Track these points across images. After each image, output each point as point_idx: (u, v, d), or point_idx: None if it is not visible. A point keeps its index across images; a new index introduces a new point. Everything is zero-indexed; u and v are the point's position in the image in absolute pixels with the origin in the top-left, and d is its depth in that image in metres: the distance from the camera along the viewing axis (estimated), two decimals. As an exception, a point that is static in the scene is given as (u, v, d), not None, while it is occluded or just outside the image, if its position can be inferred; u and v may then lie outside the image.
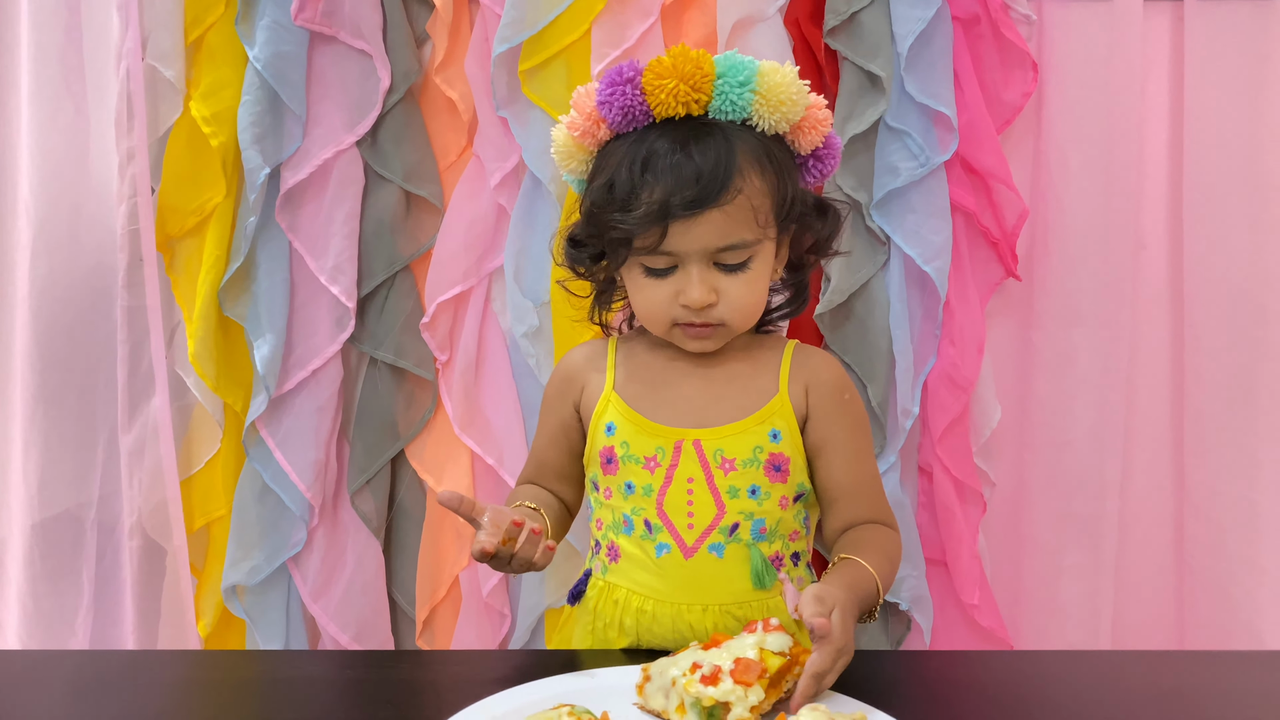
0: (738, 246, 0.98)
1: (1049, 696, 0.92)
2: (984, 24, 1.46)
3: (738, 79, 0.98)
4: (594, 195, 1.01)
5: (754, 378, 1.05)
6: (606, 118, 0.99)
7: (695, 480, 1.00)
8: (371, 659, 1.08)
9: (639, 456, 1.02)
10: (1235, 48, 1.47)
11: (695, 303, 0.98)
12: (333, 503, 1.54)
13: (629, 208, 0.97)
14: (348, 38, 1.45)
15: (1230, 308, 1.48)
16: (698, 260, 0.97)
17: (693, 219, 0.95)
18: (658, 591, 1.01)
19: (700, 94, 0.97)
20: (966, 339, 1.47)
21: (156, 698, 0.91)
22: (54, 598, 1.54)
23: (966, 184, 1.47)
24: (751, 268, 0.99)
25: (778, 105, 0.98)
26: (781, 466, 1.02)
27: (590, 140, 1.02)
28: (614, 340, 1.10)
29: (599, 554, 1.06)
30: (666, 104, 0.97)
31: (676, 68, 0.97)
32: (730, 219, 0.96)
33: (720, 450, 1.01)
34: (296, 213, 1.49)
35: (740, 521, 1.01)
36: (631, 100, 0.98)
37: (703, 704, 0.81)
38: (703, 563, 1.01)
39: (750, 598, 1.01)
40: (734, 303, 0.99)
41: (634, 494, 1.02)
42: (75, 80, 1.51)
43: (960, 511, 1.49)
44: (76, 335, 1.53)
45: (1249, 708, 0.90)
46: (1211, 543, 1.49)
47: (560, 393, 1.09)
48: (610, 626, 1.03)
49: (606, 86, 0.99)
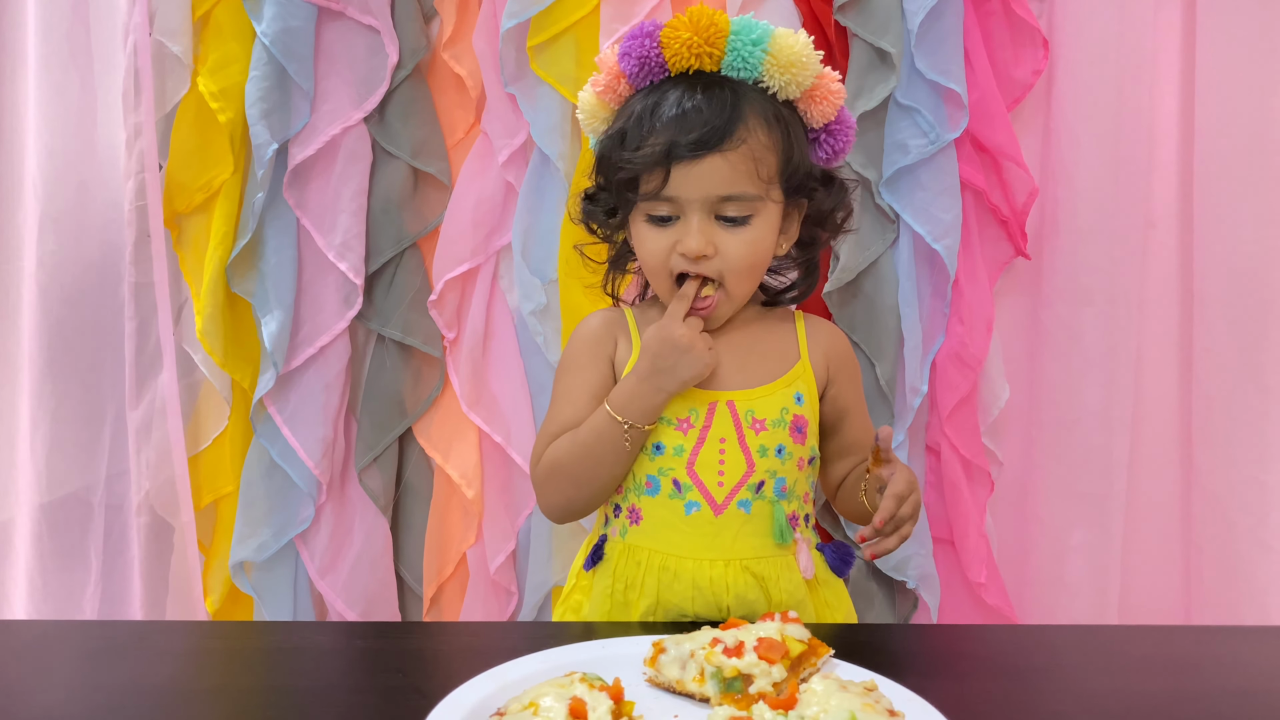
0: (738, 198, 1.00)
1: (1055, 668, 0.92)
2: (995, 1, 1.45)
3: (750, 37, 1.01)
4: (605, 143, 1.05)
5: (773, 344, 1.09)
6: (625, 70, 1.03)
7: (727, 440, 1.03)
8: (380, 630, 1.08)
9: (671, 419, 1.03)
10: (1246, 26, 1.46)
11: (692, 251, 1.00)
12: (340, 480, 1.54)
13: (637, 151, 1.00)
14: (356, 13, 1.45)
15: (1239, 287, 1.47)
16: (699, 209, 1.00)
17: (695, 163, 0.98)
18: (681, 548, 1.03)
19: (713, 48, 1.01)
20: (975, 317, 1.46)
21: (165, 666, 0.91)
22: (62, 575, 1.54)
23: (976, 162, 1.47)
24: (752, 225, 1.02)
25: (788, 67, 1.01)
26: (803, 429, 1.06)
27: (611, 96, 1.06)
28: (626, 308, 1.11)
29: (618, 517, 1.07)
30: (681, 54, 1.01)
31: (693, 23, 1.01)
32: (733, 168, 0.99)
33: (751, 411, 1.04)
34: (304, 189, 1.48)
35: (766, 480, 1.04)
36: (648, 51, 1.01)
37: (724, 674, 0.81)
38: (730, 519, 1.03)
39: (769, 553, 1.04)
40: (731, 258, 1.01)
41: (663, 454, 1.03)
42: (82, 56, 1.51)
43: (968, 490, 1.48)
44: (83, 312, 1.53)
45: (1255, 680, 0.90)
46: (1218, 521, 1.49)
47: (596, 351, 1.09)
48: (631, 588, 1.05)
49: (628, 40, 1.03)
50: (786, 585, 1.04)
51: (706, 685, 0.82)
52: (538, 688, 0.78)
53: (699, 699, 0.82)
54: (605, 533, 1.09)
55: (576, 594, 1.11)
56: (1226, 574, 1.49)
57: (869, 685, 0.80)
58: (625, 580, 1.05)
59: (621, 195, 1.03)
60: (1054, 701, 0.85)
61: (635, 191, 1.01)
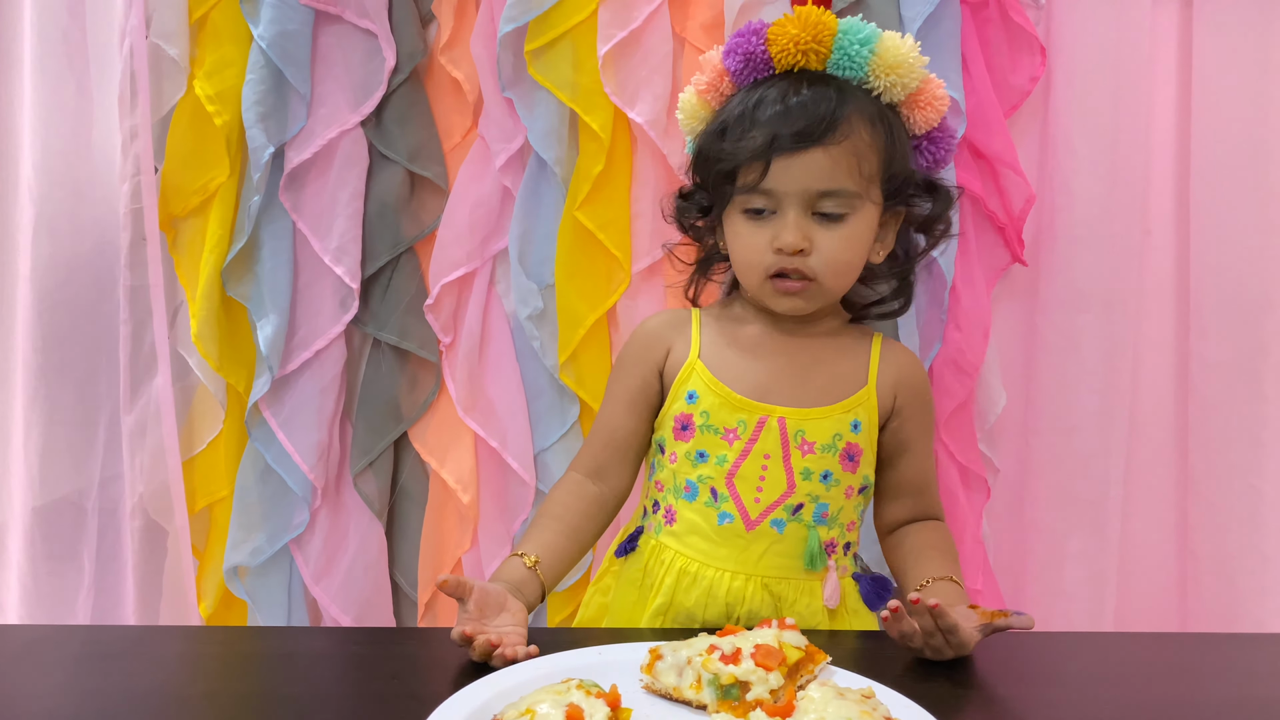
0: (837, 194, 0.99)
1: (1052, 674, 0.92)
2: (992, 7, 1.46)
3: (858, 37, 1.01)
4: (706, 137, 1.04)
5: (842, 364, 1.06)
6: (729, 67, 1.03)
7: (771, 456, 1.02)
8: (375, 635, 1.08)
9: (718, 427, 1.02)
10: (1243, 34, 1.46)
11: (789, 245, 0.99)
12: (335, 484, 1.53)
13: (740, 143, 0.99)
14: (353, 17, 1.45)
15: (1235, 293, 1.48)
16: (796, 204, 0.99)
17: (795, 156, 0.97)
18: (708, 556, 1.02)
19: (820, 45, 1.00)
20: (972, 324, 1.46)
21: (159, 671, 0.91)
22: (55, 579, 1.54)
23: (973, 168, 1.47)
24: (849, 223, 1.00)
25: (894, 68, 1.01)
26: (855, 457, 1.03)
27: (714, 96, 1.06)
28: (697, 311, 1.11)
29: (656, 514, 1.07)
30: (787, 50, 1.01)
31: (801, 21, 1.01)
32: (834, 162, 0.98)
33: (802, 431, 1.02)
34: (300, 193, 1.48)
35: (805, 503, 1.02)
36: (754, 47, 1.02)
37: (721, 681, 0.80)
38: (762, 535, 1.02)
39: (794, 575, 1.03)
40: (826, 256, 1.00)
41: (705, 462, 1.03)
42: (78, 59, 1.51)
43: (964, 497, 1.48)
44: (79, 315, 1.53)
45: (1250, 687, 0.90)
46: (1214, 528, 1.49)
47: (641, 356, 1.09)
48: (649, 585, 1.04)
49: (734, 38, 1.03)
50: (804, 610, 1.03)
51: (703, 692, 0.81)
52: (534, 694, 0.77)
53: (696, 706, 0.82)
54: (643, 524, 1.09)
55: (608, 578, 1.11)
56: (1222, 581, 1.49)
57: (866, 692, 0.80)
58: (649, 576, 1.05)
59: (719, 189, 1.03)
60: (1050, 708, 0.85)
61: (733, 184, 1.01)
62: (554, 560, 1.03)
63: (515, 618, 0.94)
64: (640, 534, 1.08)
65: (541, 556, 1.02)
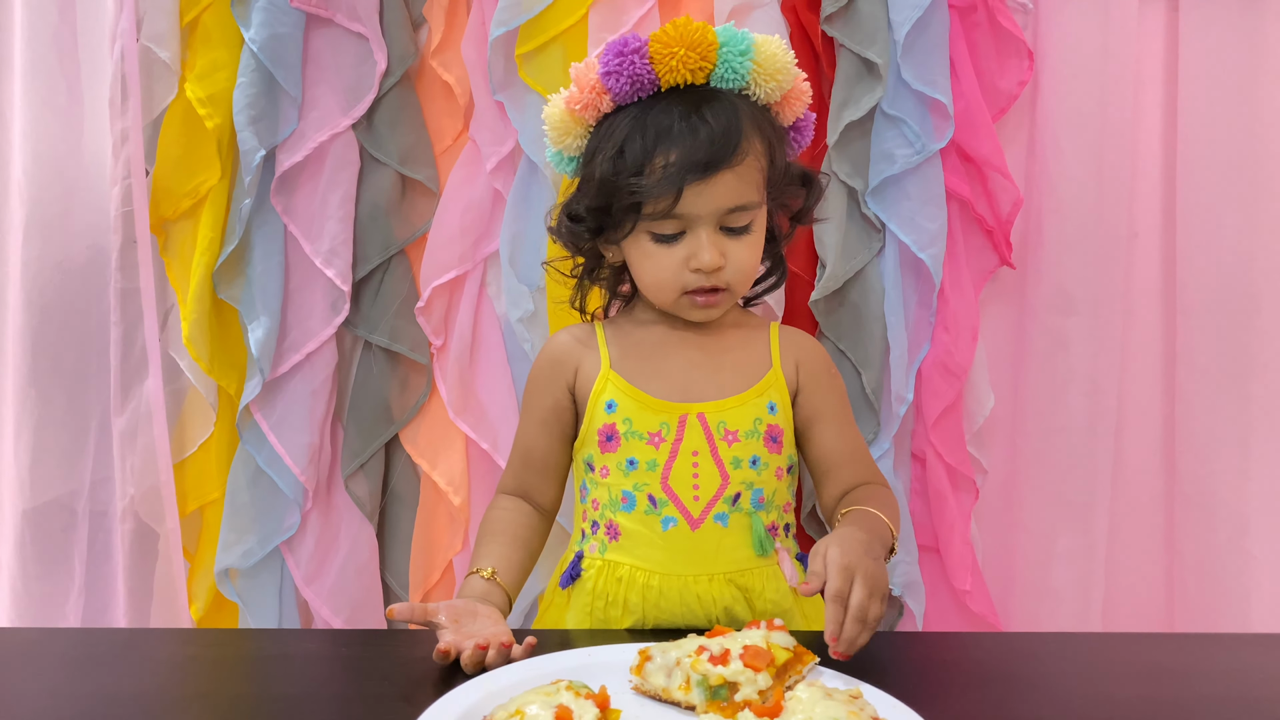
0: (745, 208, 1.02)
1: (1039, 674, 0.93)
2: (980, 12, 1.46)
3: (739, 48, 1.02)
4: (604, 166, 1.03)
5: (746, 351, 1.09)
6: (611, 88, 1.02)
7: (700, 453, 1.03)
8: (367, 637, 1.08)
9: (642, 432, 1.03)
10: (1229, 38, 1.47)
11: (708, 265, 1.01)
12: (326, 487, 1.53)
13: (643, 173, 0.99)
14: (344, 20, 1.45)
15: (1222, 296, 1.49)
16: (707, 224, 1.01)
17: (706, 181, 0.98)
18: (663, 565, 1.03)
19: (706, 62, 1.01)
20: (961, 326, 1.47)
21: (150, 674, 0.91)
22: (45, 582, 1.53)
23: (962, 172, 1.48)
24: (753, 231, 1.04)
25: (773, 74, 1.03)
26: (778, 438, 1.05)
27: (591, 113, 1.05)
28: (598, 323, 1.12)
29: (596, 534, 1.07)
30: (676, 70, 1.01)
31: (683, 37, 1.01)
32: (741, 180, 1.00)
33: (723, 422, 1.03)
34: (291, 196, 1.48)
35: (742, 491, 1.03)
36: (640, 69, 1.01)
37: (709, 682, 0.81)
38: (708, 533, 1.03)
39: (751, 564, 1.04)
40: (738, 265, 1.03)
41: (636, 470, 1.03)
42: (69, 61, 1.50)
43: (953, 498, 1.49)
44: (69, 318, 1.52)
45: (1237, 687, 0.91)
46: (1201, 529, 1.50)
47: (550, 376, 1.10)
48: (613, 605, 1.04)
49: (614, 57, 1.01)
50: (772, 595, 1.04)
51: (692, 693, 0.82)
52: (524, 695, 0.78)
53: (685, 707, 0.83)
54: (581, 549, 1.09)
55: (553, 611, 1.11)
56: (1209, 581, 1.50)
57: (854, 693, 0.81)
58: (606, 597, 1.05)
59: (622, 218, 1.02)
60: (1038, 708, 0.86)
61: (638, 212, 1.01)
62: (509, 569, 1.06)
63: (492, 618, 0.95)
64: (581, 559, 1.08)
65: (497, 567, 1.04)
